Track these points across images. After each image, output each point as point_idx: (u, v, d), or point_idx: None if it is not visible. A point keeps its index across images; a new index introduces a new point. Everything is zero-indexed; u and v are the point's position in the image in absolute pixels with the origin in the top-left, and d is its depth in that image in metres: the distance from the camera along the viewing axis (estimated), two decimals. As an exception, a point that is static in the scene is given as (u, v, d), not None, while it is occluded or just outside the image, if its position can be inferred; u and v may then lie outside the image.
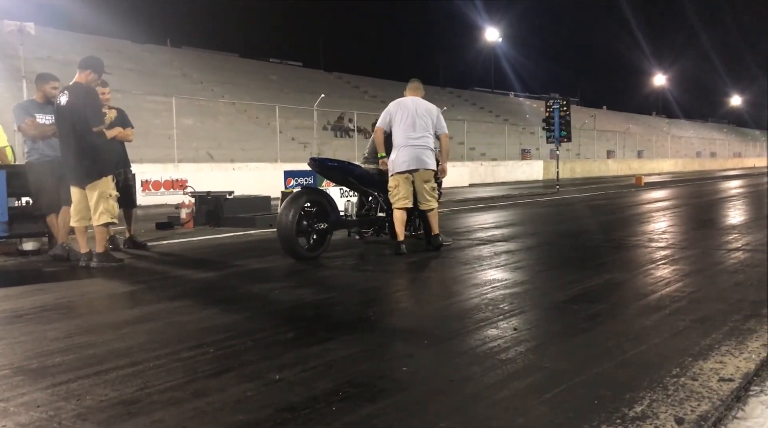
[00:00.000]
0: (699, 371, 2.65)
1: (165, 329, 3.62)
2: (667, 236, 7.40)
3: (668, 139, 53.57)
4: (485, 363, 2.83)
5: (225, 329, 3.51)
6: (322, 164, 6.71)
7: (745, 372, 2.63)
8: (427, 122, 6.41)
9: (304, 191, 6.39)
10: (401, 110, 6.45)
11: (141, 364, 2.90)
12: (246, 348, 3.19)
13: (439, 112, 6.58)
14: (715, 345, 3.00)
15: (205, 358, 2.98)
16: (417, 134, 6.34)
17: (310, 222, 6.16)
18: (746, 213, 10.63)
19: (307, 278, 5.26)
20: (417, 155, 6.31)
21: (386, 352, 3.02)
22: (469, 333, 3.36)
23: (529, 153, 35.27)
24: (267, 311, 4.08)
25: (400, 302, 4.33)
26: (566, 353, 2.99)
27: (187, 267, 5.96)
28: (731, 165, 55.74)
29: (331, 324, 3.67)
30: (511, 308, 3.89)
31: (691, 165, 49.98)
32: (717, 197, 15.24)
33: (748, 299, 3.96)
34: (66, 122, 5.82)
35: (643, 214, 10.87)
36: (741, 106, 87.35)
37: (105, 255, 5.85)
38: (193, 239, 8.05)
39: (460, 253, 6.33)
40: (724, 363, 2.75)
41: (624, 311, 3.82)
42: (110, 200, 5.85)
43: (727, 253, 5.99)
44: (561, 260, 6.06)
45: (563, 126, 19.28)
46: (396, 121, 6.41)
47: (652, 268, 5.27)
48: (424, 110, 6.45)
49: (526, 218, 10.80)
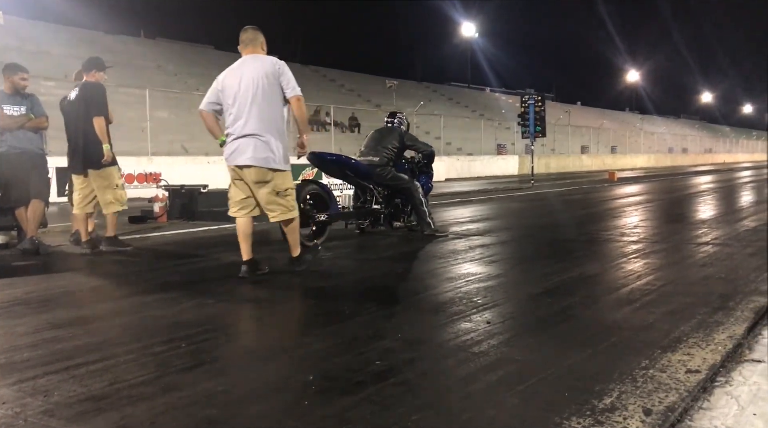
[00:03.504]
0: (667, 363, 2.69)
1: (136, 323, 3.58)
2: (639, 231, 7.51)
3: (641, 135, 54.24)
4: (458, 356, 2.85)
5: (198, 323, 3.48)
6: (321, 157, 6.80)
7: (711, 364, 2.68)
8: (268, 91, 4.65)
9: (305, 184, 6.49)
10: (229, 81, 4.75)
11: (111, 359, 2.86)
12: (219, 342, 3.16)
13: (285, 67, 4.74)
14: (683, 338, 3.05)
15: (177, 353, 2.95)
16: (252, 114, 4.62)
17: (310, 213, 6.30)
18: (716, 208, 10.82)
19: (281, 273, 5.24)
20: (249, 145, 4.63)
21: (360, 346, 3.02)
22: (442, 326, 3.37)
23: (504, 148, 35.47)
24: (241, 305, 4.06)
25: (373, 296, 4.33)
26: (538, 346, 3.01)
27: (161, 261, 5.90)
28: (702, 161, 56.62)
29: (305, 318, 3.66)
30: (485, 301, 3.91)
31: (663, 161, 50.67)
32: (688, 193, 15.48)
33: (716, 293, 4.03)
34: (74, 114, 6.27)
35: (616, 209, 11.00)
36: (712, 102, 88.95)
37: (115, 240, 6.35)
38: (167, 233, 7.96)
39: (435, 247, 6.35)
40: (691, 355, 2.80)
41: (596, 304, 3.87)
42: (118, 190, 6.37)
43: (697, 247, 6.09)
44: (535, 253, 6.11)
45: (538, 121, 19.42)
46: (226, 99, 4.74)
47: (623, 262, 5.34)
48: (261, 74, 4.66)
49: (501, 213, 10.87)
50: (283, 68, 4.71)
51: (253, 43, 4.88)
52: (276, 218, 4.77)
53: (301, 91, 4.73)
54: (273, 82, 4.66)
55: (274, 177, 4.67)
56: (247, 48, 4.88)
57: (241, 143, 4.63)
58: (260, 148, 4.60)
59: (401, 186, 7.11)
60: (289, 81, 4.70)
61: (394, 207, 7.32)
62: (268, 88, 4.64)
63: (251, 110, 4.61)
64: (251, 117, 4.61)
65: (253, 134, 4.61)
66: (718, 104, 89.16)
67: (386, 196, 7.20)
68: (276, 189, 4.69)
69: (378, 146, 7.10)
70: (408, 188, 7.07)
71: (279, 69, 4.68)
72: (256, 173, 4.65)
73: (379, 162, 6.97)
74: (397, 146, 7.15)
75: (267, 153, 4.61)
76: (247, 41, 4.89)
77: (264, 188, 4.68)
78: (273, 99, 4.66)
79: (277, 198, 4.71)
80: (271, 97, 4.65)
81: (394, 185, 7.11)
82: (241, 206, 4.81)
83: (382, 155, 7.01)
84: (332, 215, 6.55)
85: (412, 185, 7.09)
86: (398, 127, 7.48)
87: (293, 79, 4.74)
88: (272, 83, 4.66)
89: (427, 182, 7.72)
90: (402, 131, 7.42)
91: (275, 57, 4.81)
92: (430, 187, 7.84)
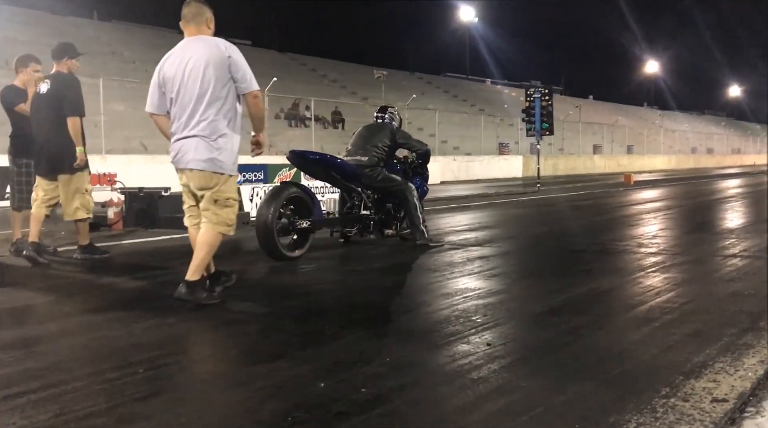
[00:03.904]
0: (691, 391, 2.70)
1: (87, 346, 3.55)
2: (658, 241, 7.56)
3: (661, 133, 54.74)
4: (455, 383, 2.84)
5: (157, 345, 3.45)
6: (303, 157, 6.79)
7: (740, 392, 2.69)
8: (215, 82, 4.38)
9: (285, 186, 6.51)
10: (169, 70, 4.50)
11: (57, 387, 2.83)
12: (181, 367, 3.14)
13: (236, 53, 4.47)
14: (709, 362, 3.07)
15: (133, 379, 2.92)
16: (196, 111, 4.39)
17: (291, 220, 6.33)
18: (745, 216, 10.91)
19: (255, 286, 5.22)
20: (191, 147, 4.42)
21: (343, 371, 3.01)
22: (437, 348, 3.37)
23: (507, 147, 35.66)
24: (207, 324, 4.04)
25: (359, 314, 4.32)
26: (545, 371, 3.02)
27: (115, 274, 5.86)
28: (729, 162, 57.21)
29: (280, 339, 3.64)
30: (485, 320, 3.91)
31: (685, 162, 51.14)
32: (713, 198, 15.61)
33: (746, 311, 4.05)
34: (44, 110, 6.23)
35: (633, 216, 11.07)
36: (740, 97, 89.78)
37: (90, 247, 6.48)
38: (123, 242, 7.91)
39: (429, 259, 6.36)
40: (717, 381, 2.81)
41: (609, 324, 3.88)
42: (86, 195, 6.42)
43: (724, 260, 6.13)
44: (541, 267, 6.13)
45: (545, 117, 19.55)
46: (167, 93, 4.51)
47: (641, 276, 5.37)
48: (207, 62, 4.37)
49: (503, 220, 10.91)
50: (234, 56, 4.41)
51: (197, 19, 4.53)
52: (209, 227, 4.45)
53: (257, 86, 4.52)
54: (221, 73, 4.37)
55: (218, 182, 4.44)
56: (190, 26, 4.54)
57: (184, 144, 4.41)
58: (203, 149, 4.36)
59: (393, 189, 7.12)
60: (244, 73, 4.42)
61: (386, 213, 7.34)
62: (215, 80, 4.36)
63: (195, 105, 4.37)
64: (195, 114, 4.37)
65: (197, 134, 4.37)
66: (747, 99, 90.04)
67: (376, 200, 7.22)
68: (215, 196, 4.44)
69: (367, 145, 7.11)
70: (401, 190, 7.09)
71: (229, 58, 4.38)
72: (198, 177, 4.44)
73: (368, 162, 6.97)
74: (388, 144, 7.16)
75: (211, 154, 4.38)
76: (189, 17, 4.53)
77: (206, 194, 4.47)
78: (221, 92, 4.39)
79: (214, 207, 4.44)
80: (220, 89, 4.38)
81: (385, 187, 7.12)
82: (190, 214, 4.67)
83: (371, 154, 7.01)
84: (316, 221, 6.56)
85: (405, 186, 7.11)
86: (389, 123, 7.50)
87: (248, 69, 4.47)
88: (220, 73, 4.37)
89: (422, 184, 7.76)
90: (394, 127, 7.44)
91: (224, 40, 4.50)
92: (426, 190, 7.87)
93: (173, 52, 4.54)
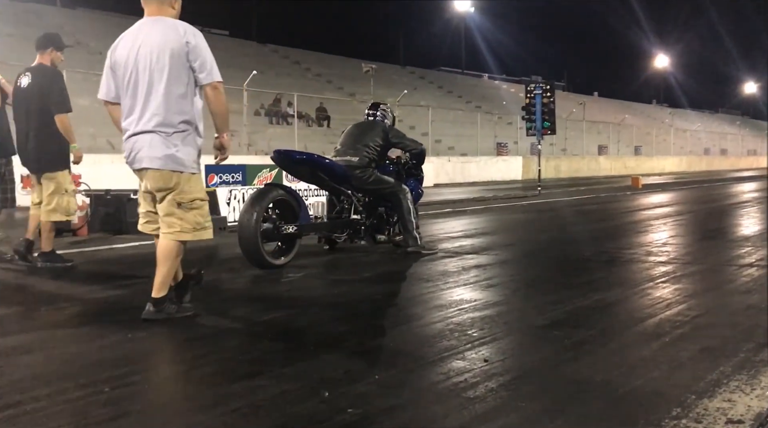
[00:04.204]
0: (704, 411, 2.71)
1: (48, 363, 3.52)
2: (669, 249, 7.59)
3: (671, 132, 55.07)
4: (449, 403, 2.84)
5: (125, 362, 3.44)
6: (288, 157, 6.81)
7: (757, 413, 2.70)
8: (174, 70, 4.18)
9: (270, 188, 6.53)
10: (121, 54, 4.31)
11: (14, 407, 2.81)
12: (150, 386, 3.13)
13: (199, 39, 4.25)
14: (723, 380, 3.08)
15: (98, 399, 2.91)
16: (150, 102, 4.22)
17: (276, 225, 6.34)
18: (761, 222, 10.96)
19: (235, 297, 5.20)
20: (145, 143, 4.25)
21: (328, 390, 3.00)
22: (430, 365, 3.36)
23: (505, 148, 35.72)
24: (180, 339, 4.02)
25: (346, 328, 4.32)
26: (546, 390, 3.02)
27: (80, 284, 5.83)
28: (745, 165, 57.59)
29: (260, 354, 3.63)
30: (482, 335, 3.91)
31: (697, 164, 51.45)
32: (728, 203, 15.71)
33: (762, 325, 4.07)
34: (26, 105, 6.33)
35: (641, 222, 11.13)
36: (756, 94, 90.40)
37: (52, 255, 6.47)
38: (88, 249, 7.88)
39: (422, 268, 6.36)
40: (733, 401, 2.82)
41: (615, 339, 3.89)
42: (65, 196, 6.45)
43: (739, 269, 6.17)
44: (541, 276, 6.14)
45: (546, 115, 19.58)
46: (117, 80, 4.36)
47: (649, 287, 5.39)
48: (165, 47, 4.17)
49: (501, 226, 10.93)
50: (194, 42, 4.18)
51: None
52: (170, 236, 4.26)
53: (220, 76, 4.31)
54: (178, 60, 4.16)
55: (178, 182, 4.24)
56: (151, 4, 4.32)
57: (137, 140, 4.24)
58: (158, 145, 4.18)
59: (386, 191, 7.14)
60: (204, 61, 4.21)
61: (377, 217, 7.36)
62: (171, 67, 4.15)
63: (150, 96, 4.18)
64: (148, 106, 4.18)
65: (152, 128, 4.18)
66: (764, 97, 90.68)
67: (367, 204, 7.23)
68: (178, 199, 4.24)
69: (357, 144, 7.13)
70: (394, 193, 7.11)
71: (189, 43, 4.16)
72: (155, 177, 4.24)
73: (359, 163, 6.98)
74: (380, 143, 7.18)
75: (168, 150, 4.18)
76: None
77: (167, 196, 4.26)
78: (180, 81, 4.19)
79: (179, 210, 4.25)
80: (177, 78, 4.18)
81: (377, 190, 7.13)
82: (147, 220, 4.51)
83: (362, 154, 7.03)
84: (303, 226, 6.57)
85: (399, 189, 7.13)
86: (382, 121, 7.53)
87: (209, 57, 4.26)
88: (177, 61, 4.16)
89: (417, 187, 7.79)
90: (386, 125, 7.46)
91: (186, 23, 4.28)
92: (420, 193, 7.90)
93: (127, 33, 4.33)
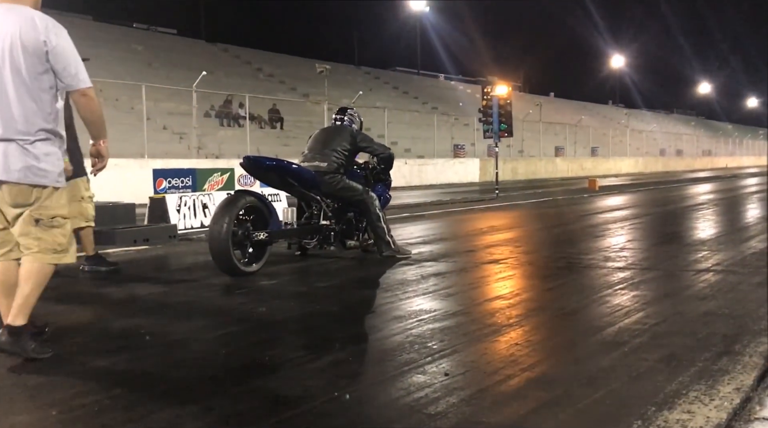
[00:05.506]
0: (664, 423, 2.77)
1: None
2: (626, 254, 7.71)
3: (627, 133, 56.01)
4: (409, 420, 2.85)
5: (74, 382, 3.38)
6: (258, 163, 6.86)
7: (715, 424, 2.76)
8: (30, 68, 3.76)
9: (240, 195, 6.56)
10: None
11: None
12: (102, 407, 3.07)
13: (61, 36, 3.83)
14: (682, 391, 3.14)
15: (45, 424, 2.86)
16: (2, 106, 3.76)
17: (246, 232, 6.40)
18: (717, 225, 11.22)
19: (184, 310, 5.14)
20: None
21: (284, 407, 2.99)
22: (389, 380, 3.37)
23: (462, 150, 35.99)
24: (130, 356, 3.95)
25: (303, 341, 4.31)
26: (508, 403, 3.04)
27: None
28: (700, 165, 58.89)
29: (216, 372, 3.59)
30: (442, 347, 3.93)
31: (653, 165, 52.45)
32: (684, 205, 16.02)
33: (720, 333, 4.16)
34: None
35: (598, 226, 11.29)
36: (711, 95, 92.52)
37: (97, 258, 6.70)
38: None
39: (379, 277, 6.37)
40: (692, 412, 2.88)
41: (574, 349, 3.94)
42: (83, 203, 6.44)
43: (696, 275, 6.29)
44: (500, 284, 6.17)
45: (503, 117, 19.77)
46: None
47: (608, 294, 5.47)
48: (18, 41, 3.74)
49: (459, 231, 11.00)
50: (54, 43, 3.77)
51: None
52: (31, 258, 3.83)
53: (88, 80, 3.91)
54: (36, 59, 3.75)
55: (39, 197, 3.82)
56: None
57: None
58: (16, 156, 3.74)
59: (354, 199, 7.22)
60: (67, 65, 3.82)
61: (347, 222, 7.43)
62: (32, 67, 3.75)
63: (2, 98, 3.75)
64: (4, 110, 3.74)
65: (8, 137, 3.74)
66: (718, 97, 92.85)
67: (336, 209, 7.29)
68: (36, 215, 3.82)
69: (325, 149, 7.18)
70: (362, 201, 7.19)
71: (49, 43, 3.75)
72: (12, 192, 3.79)
73: (327, 168, 7.06)
74: (348, 148, 7.24)
75: (28, 161, 3.75)
76: None
77: (25, 213, 3.83)
78: (36, 83, 3.77)
79: (36, 229, 3.82)
80: (35, 79, 3.77)
81: (345, 197, 7.21)
82: None
83: (330, 159, 7.09)
84: (273, 233, 6.64)
85: (367, 196, 7.21)
86: (349, 125, 7.61)
87: (74, 59, 3.86)
88: (34, 60, 3.75)
89: (385, 191, 7.90)
90: (354, 130, 7.53)
91: (46, 17, 3.81)
92: (388, 198, 8.01)
93: None
